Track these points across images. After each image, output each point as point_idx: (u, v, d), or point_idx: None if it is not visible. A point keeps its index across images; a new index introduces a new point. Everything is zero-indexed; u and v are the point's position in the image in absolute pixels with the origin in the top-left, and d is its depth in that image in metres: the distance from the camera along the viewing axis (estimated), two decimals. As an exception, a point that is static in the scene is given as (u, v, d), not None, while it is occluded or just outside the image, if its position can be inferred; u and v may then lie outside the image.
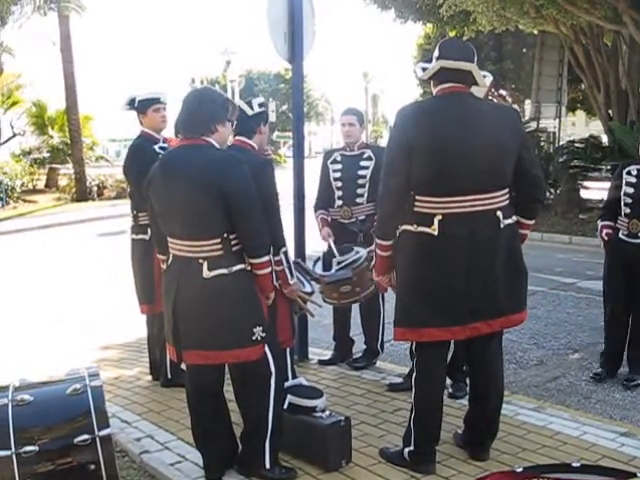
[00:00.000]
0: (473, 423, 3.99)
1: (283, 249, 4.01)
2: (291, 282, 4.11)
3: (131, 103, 5.21)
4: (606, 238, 5.38)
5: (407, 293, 3.75)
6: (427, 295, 3.67)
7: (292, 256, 5.23)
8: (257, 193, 3.57)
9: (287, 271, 4.08)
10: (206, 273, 3.49)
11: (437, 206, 3.60)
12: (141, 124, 5.24)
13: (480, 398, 3.94)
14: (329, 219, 5.64)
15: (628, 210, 5.23)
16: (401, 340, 4.15)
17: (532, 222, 3.93)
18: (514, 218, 3.74)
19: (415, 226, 3.65)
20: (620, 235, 5.29)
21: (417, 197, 3.65)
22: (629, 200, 5.23)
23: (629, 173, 5.28)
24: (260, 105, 4.22)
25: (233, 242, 3.53)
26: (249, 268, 3.58)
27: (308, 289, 4.52)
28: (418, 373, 3.82)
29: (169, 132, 5.06)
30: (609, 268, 5.46)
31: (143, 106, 5.17)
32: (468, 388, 4.24)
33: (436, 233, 3.59)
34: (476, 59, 3.70)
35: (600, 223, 5.48)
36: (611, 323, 5.47)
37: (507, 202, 3.69)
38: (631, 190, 5.22)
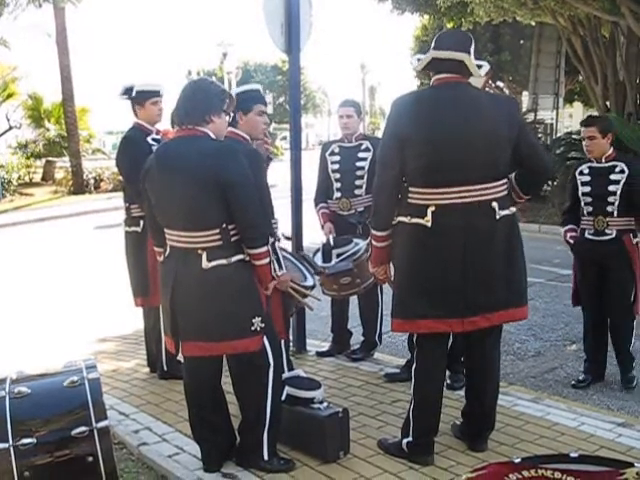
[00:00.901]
0: (470, 416, 3.99)
1: (270, 240, 3.98)
2: (279, 273, 4.05)
3: (127, 92, 5.12)
4: (572, 241, 5.23)
5: (403, 284, 3.75)
6: (423, 286, 3.66)
7: (289, 248, 5.25)
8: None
9: (275, 262, 4.03)
10: (205, 264, 3.48)
11: (430, 197, 3.59)
12: (136, 115, 5.16)
13: (476, 392, 3.94)
14: (329, 212, 5.63)
15: (590, 208, 5.08)
16: (398, 331, 4.15)
17: (526, 197, 3.88)
18: (512, 209, 3.71)
19: (409, 217, 3.65)
20: (587, 235, 5.11)
21: (411, 188, 3.65)
22: (588, 199, 5.09)
23: (581, 173, 5.15)
24: (239, 93, 4.18)
25: (232, 232, 3.52)
26: (248, 259, 3.57)
27: (310, 282, 4.49)
28: (418, 364, 3.81)
29: (165, 124, 5.03)
30: (581, 270, 5.28)
31: (141, 97, 5.09)
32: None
33: (429, 224, 3.58)
34: (473, 48, 3.67)
35: (563, 229, 5.33)
36: (592, 329, 5.29)
37: (504, 193, 3.67)
38: (587, 189, 5.09)
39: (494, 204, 3.60)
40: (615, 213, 4.99)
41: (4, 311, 7.93)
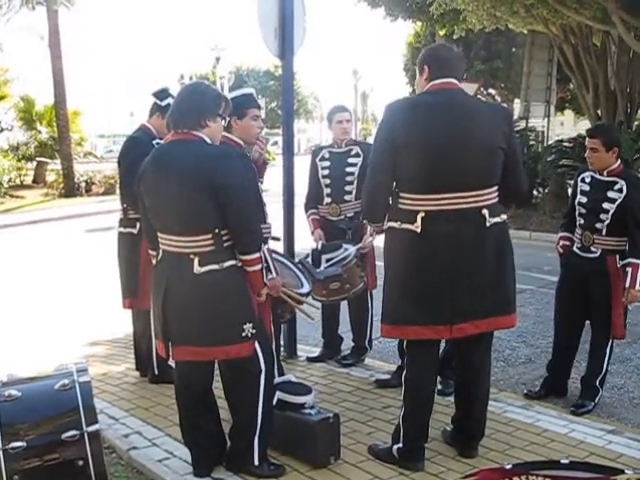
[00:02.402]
0: (460, 422, 4.00)
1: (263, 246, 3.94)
2: (268, 278, 3.97)
3: (161, 96, 5.08)
4: (561, 251, 4.96)
5: (393, 290, 3.75)
6: (411, 293, 3.66)
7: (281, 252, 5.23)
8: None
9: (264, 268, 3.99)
10: (197, 269, 3.47)
11: (420, 203, 3.59)
12: (149, 118, 5.16)
13: (466, 398, 3.95)
14: (319, 218, 5.64)
15: (582, 221, 4.79)
16: (388, 337, 4.15)
17: None
18: (504, 217, 3.71)
19: (399, 223, 3.65)
20: (574, 248, 4.86)
21: (401, 194, 3.65)
22: (583, 210, 4.79)
23: (583, 180, 4.85)
24: (232, 98, 4.17)
25: (224, 238, 3.51)
26: (240, 264, 3.57)
27: (306, 290, 4.47)
28: (408, 371, 3.81)
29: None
30: (561, 281, 5.04)
31: (167, 111, 5.04)
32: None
33: (419, 230, 3.58)
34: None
35: (559, 234, 5.06)
36: (557, 345, 5.07)
37: (495, 200, 3.67)
38: (584, 199, 4.79)
39: (484, 211, 3.61)
40: (604, 231, 4.68)
41: (-6, 314, 7.90)
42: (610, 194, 4.68)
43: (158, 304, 3.62)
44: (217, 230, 3.49)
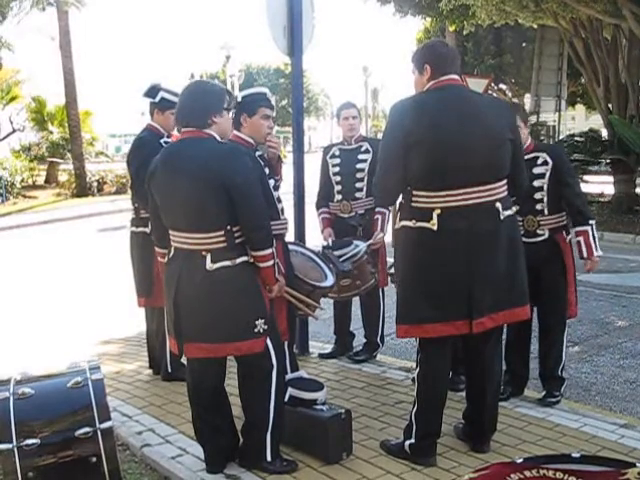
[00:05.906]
0: (472, 418, 3.99)
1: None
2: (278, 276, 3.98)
3: (152, 94, 5.09)
4: None
5: (409, 289, 3.73)
6: (430, 290, 3.65)
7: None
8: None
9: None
10: (209, 265, 3.49)
11: (435, 200, 3.57)
12: (151, 117, 5.17)
13: (477, 395, 3.94)
14: (330, 217, 5.66)
15: (518, 207, 4.30)
16: (404, 337, 4.13)
17: None
18: (514, 209, 3.73)
19: (414, 222, 3.63)
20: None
21: (414, 192, 3.63)
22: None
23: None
24: (244, 96, 4.20)
25: (236, 234, 3.53)
26: (252, 260, 3.58)
27: (330, 282, 4.47)
28: (422, 369, 3.81)
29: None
30: None
31: (165, 106, 5.05)
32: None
33: (435, 228, 3.56)
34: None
35: None
36: (516, 340, 4.70)
37: (506, 193, 3.67)
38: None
39: (498, 204, 3.61)
40: (546, 211, 4.48)
41: (9, 313, 7.96)
42: (536, 170, 4.46)
43: (170, 301, 3.64)
44: (229, 227, 3.50)
